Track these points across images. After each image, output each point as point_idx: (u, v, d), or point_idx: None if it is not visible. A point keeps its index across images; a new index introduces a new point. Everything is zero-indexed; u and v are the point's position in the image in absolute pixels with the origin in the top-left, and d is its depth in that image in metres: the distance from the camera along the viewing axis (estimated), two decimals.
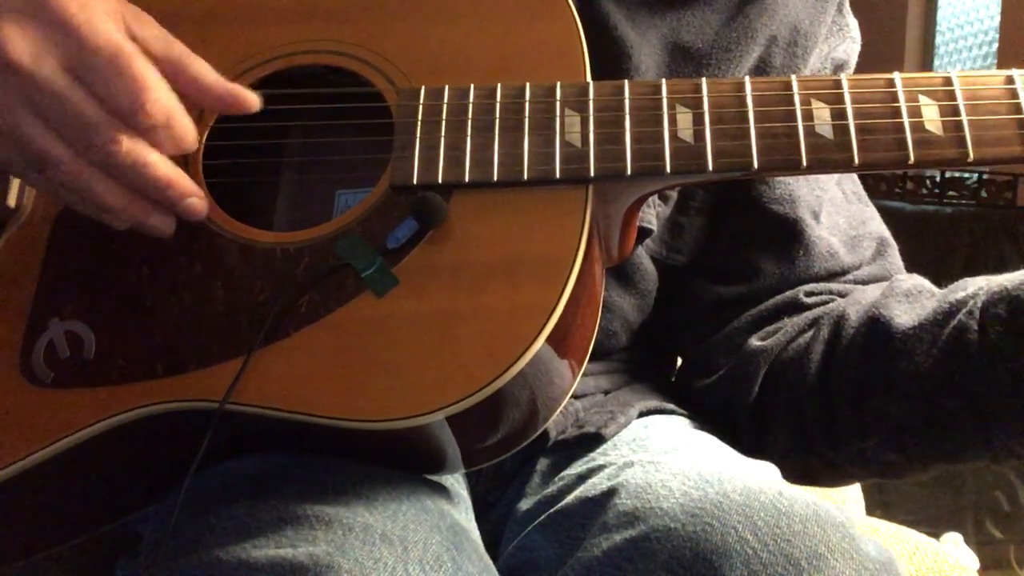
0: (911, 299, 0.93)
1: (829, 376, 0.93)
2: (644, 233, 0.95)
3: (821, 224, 1.02)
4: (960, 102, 0.77)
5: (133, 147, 0.73)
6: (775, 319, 1.00)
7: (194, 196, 0.77)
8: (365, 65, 0.84)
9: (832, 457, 0.96)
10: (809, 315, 0.99)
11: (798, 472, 1.00)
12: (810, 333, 0.97)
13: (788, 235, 1.01)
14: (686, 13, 0.98)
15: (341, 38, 0.85)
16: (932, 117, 0.77)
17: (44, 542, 0.85)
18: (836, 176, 1.06)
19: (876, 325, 0.91)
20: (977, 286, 0.88)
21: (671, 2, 0.98)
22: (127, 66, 0.72)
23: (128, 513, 0.85)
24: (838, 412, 0.92)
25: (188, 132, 0.76)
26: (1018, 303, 0.82)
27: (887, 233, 1.06)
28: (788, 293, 1.00)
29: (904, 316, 0.90)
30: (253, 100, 0.79)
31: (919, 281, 0.97)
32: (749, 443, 0.99)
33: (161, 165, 0.75)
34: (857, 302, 0.96)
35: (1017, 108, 0.77)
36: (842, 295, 1.00)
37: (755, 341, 0.99)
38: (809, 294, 1.00)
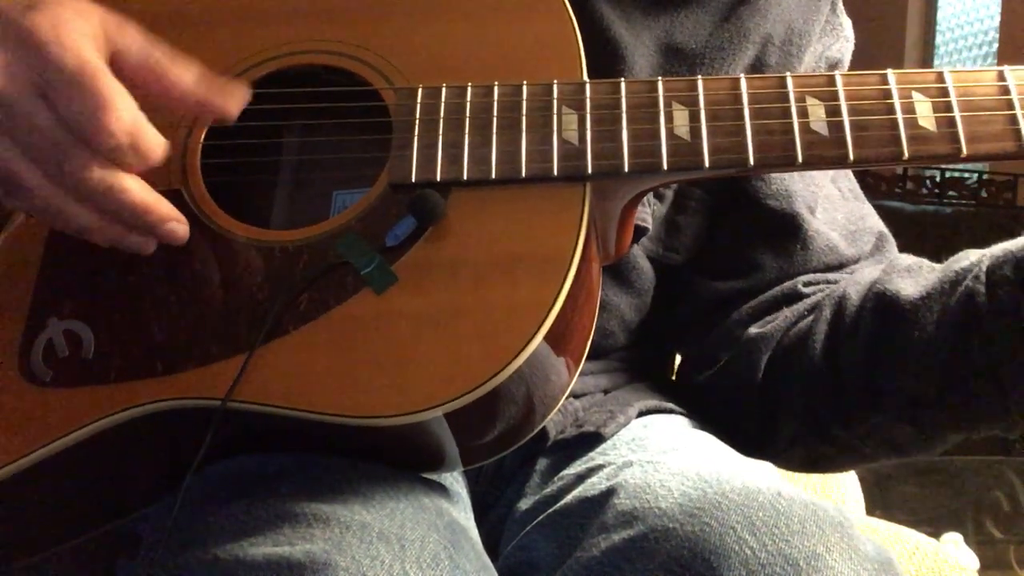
0: (912, 273, 0.93)
1: (836, 355, 0.94)
2: (639, 232, 0.96)
3: (818, 219, 1.03)
4: (953, 98, 0.78)
5: (105, 174, 0.72)
6: (774, 309, 1.01)
7: (174, 221, 0.76)
8: (362, 65, 0.84)
9: (844, 436, 0.96)
10: (808, 302, 1.00)
11: (803, 460, 1.00)
12: (811, 316, 0.97)
13: (786, 230, 1.01)
14: (679, 14, 0.99)
15: (338, 38, 0.85)
16: (925, 113, 0.78)
17: (44, 542, 0.85)
18: (831, 174, 1.07)
19: (883, 299, 0.91)
20: (978, 255, 0.88)
21: (664, 3, 0.99)
22: (90, 84, 0.70)
23: (127, 513, 0.85)
24: (849, 390, 0.93)
25: (154, 147, 0.74)
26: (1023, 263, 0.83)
27: (885, 229, 1.07)
28: (786, 284, 1.01)
29: (910, 288, 0.90)
30: (232, 106, 0.78)
31: (917, 259, 0.98)
32: (754, 434, 0.99)
33: (137, 191, 0.74)
34: (856, 282, 0.96)
35: (1009, 104, 0.77)
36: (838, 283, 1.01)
37: (754, 329, 0.99)
38: (807, 284, 1.01)
